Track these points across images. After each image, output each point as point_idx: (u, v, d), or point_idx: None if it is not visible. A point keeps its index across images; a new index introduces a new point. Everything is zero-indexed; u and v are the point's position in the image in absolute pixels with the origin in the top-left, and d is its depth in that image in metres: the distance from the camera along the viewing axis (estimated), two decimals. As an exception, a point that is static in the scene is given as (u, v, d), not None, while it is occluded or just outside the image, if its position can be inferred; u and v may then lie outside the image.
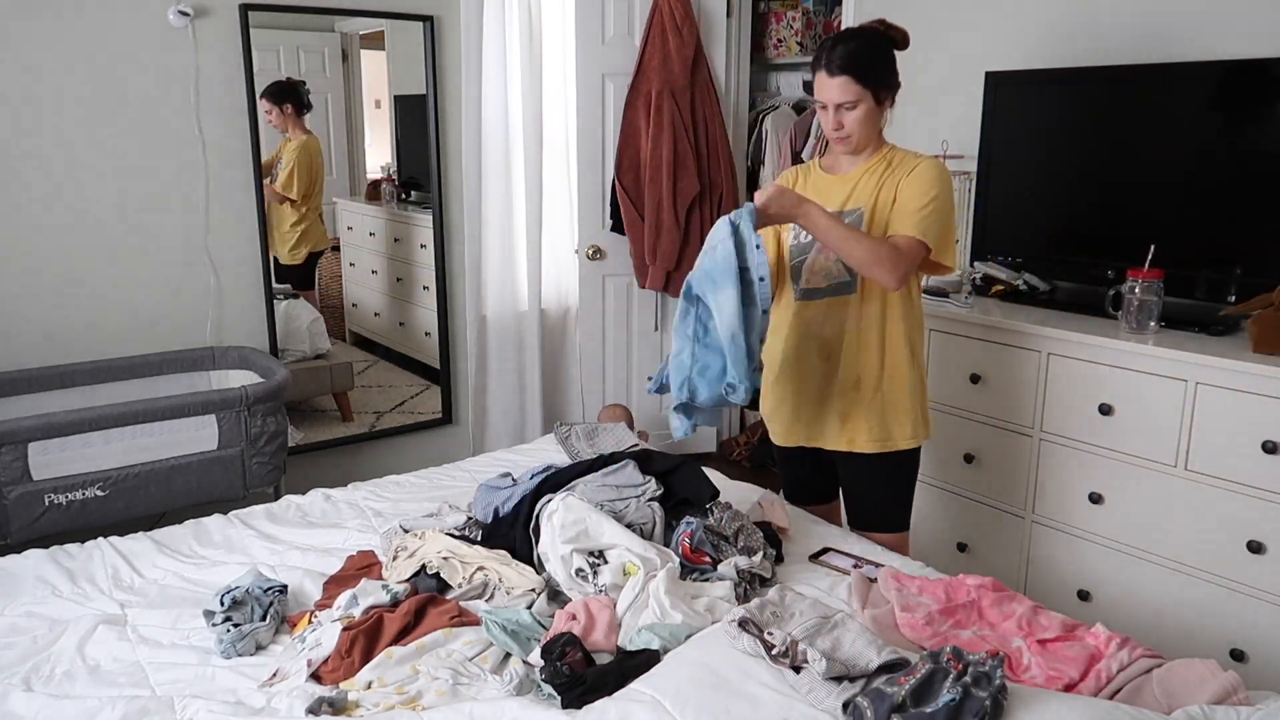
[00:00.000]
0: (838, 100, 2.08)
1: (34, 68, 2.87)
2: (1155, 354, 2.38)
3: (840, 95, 2.07)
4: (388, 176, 3.77)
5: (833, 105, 2.10)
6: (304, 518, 2.40)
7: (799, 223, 2.05)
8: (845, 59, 2.05)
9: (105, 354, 3.10)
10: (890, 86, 2.12)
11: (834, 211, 2.12)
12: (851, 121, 2.09)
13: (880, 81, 2.09)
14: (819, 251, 2.19)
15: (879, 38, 2.12)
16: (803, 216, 2.02)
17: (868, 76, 2.06)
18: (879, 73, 2.08)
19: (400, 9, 3.50)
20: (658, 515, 2.02)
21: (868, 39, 2.10)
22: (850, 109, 2.08)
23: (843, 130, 2.11)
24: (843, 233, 2.01)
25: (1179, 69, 2.61)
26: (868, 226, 2.13)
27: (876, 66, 2.08)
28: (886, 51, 2.12)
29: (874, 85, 2.08)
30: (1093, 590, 2.60)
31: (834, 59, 2.06)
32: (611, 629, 1.76)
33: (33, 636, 1.83)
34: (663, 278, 3.93)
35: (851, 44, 2.07)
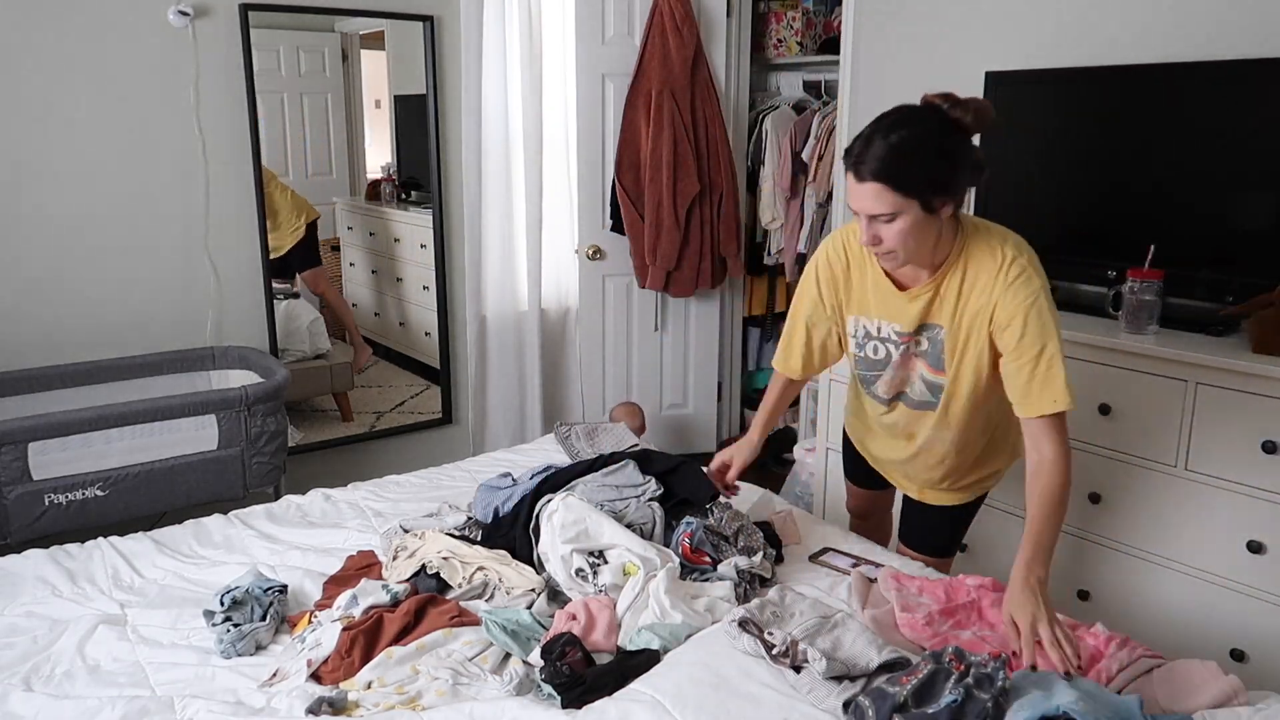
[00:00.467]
0: (869, 211, 1.65)
1: (34, 68, 2.87)
2: (1155, 354, 2.38)
3: (871, 206, 1.63)
4: (388, 176, 3.77)
5: (864, 216, 1.67)
6: (304, 518, 2.40)
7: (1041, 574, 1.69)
8: (877, 159, 1.60)
9: (105, 354, 3.10)
10: (945, 190, 1.64)
11: (906, 331, 1.82)
12: (892, 236, 1.65)
13: (929, 186, 1.62)
14: (892, 369, 1.91)
15: (939, 123, 1.63)
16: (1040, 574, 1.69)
17: (909, 181, 1.60)
18: (927, 175, 1.62)
19: (400, 9, 3.50)
20: (658, 515, 2.02)
21: (917, 128, 1.62)
22: (887, 221, 1.65)
23: (881, 246, 1.68)
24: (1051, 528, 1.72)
25: (1179, 69, 2.61)
26: (950, 339, 1.81)
27: (924, 166, 1.62)
28: (944, 143, 1.63)
29: (919, 192, 1.61)
30: (1093, 590, 2.60)
31: (864, 160, 1.61)
32: (611, 629, 1.76)
33: (33, 636, 1.83)
34: (663, 278, 3.93)
35: (891, 138, 1.60)
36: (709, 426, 4.36)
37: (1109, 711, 1.39)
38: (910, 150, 1.61)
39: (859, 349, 1.94)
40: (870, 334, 1.90)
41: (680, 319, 4.18)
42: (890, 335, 1.87)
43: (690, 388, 4.27)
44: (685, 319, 4.18)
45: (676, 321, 4.17)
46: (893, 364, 1.90)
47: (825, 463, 3.28)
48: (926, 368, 1.88)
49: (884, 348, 1.89)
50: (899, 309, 1.82)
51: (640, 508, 2.04)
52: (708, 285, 4.06)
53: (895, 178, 1.61)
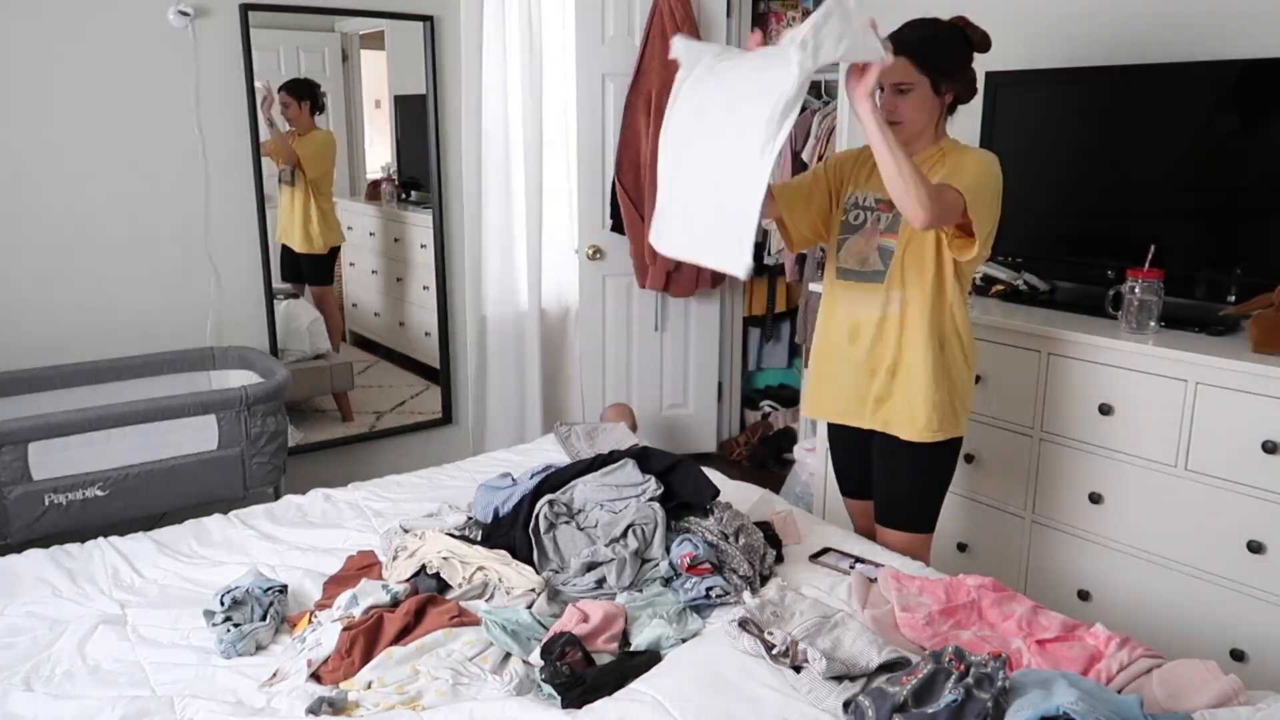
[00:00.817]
0: (893, 80, 2.05)
1: (34, 68, 2.87)
2: (1155, 354, 2.38)
3: (897, 75, 2.03)
4: (388, 176, 3.77)
5: (889, 85, 2.06)
6: (304, 518, 2.40)
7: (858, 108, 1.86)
8: (909, 39, 2.03)
9: (105, 354, 3.10)
10: (952, 77, 2.09)
11: (884, 199, 2.13)
12: (905, 106, 2.07)
13: (940, 69, 2.06)
14: (862, 235, 2.21)
15: (954, 32, 2.10)
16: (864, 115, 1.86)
17: (928, 61, 2.04)
18: (941, 61, 2.06)
19: (400, 9, 3.50)
20: (659, 515, 2.02)
21: (941, 29, 2.09)
22: (904, 91, 2.06)
23: (895, 113, 2.08)
24: (891, 149, 1.86)
25: (1179, 69, 2.61)
26: None
27: (941, 53, 2.06)
28: (957, 46, 2.10)
29: (932, 71, 2.05)
30: (1093, 590, 2.60)
31: (899, 37, 2.03)
32: (619, 635, 1.76)
33: (33, 636, 1.83)
34: (663, 278, 3.93)
35: (923, 30, 2.07)
36: (709, 426, 4.36)
37: (1109, 711, 1.39)
38: (933, 40, 2.07)
39: (845, 215, 2.26)
40: (858, 203, 2.25)
41: (680, 319, 4.18)
42: (871, 203, 2.22)
43: (690, 388, 4.27)
44: (685, 319, 4.18)
45: (676, 321, 4.17)
46: (864, 230, 2.22)
47: (825, 463, 3.28)
48: (885, 236, 2.20)
49: (864, 215, 2.23)
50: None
51: (641, 508, 2.03)
52: (708, 285, 4.06)
53: (918, 54, 2.03)
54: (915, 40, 2.04)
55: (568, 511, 2.11)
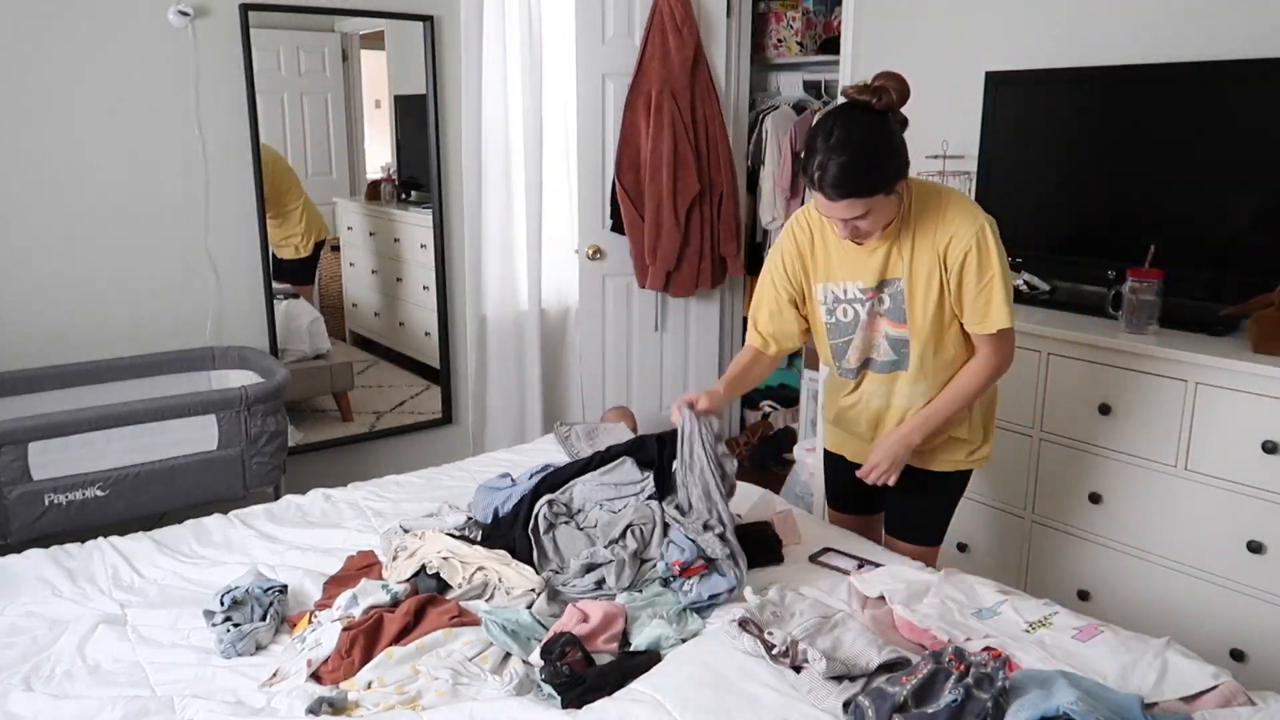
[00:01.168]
0: (845, 217, 1.87)
1: (34, 68, 2.87)
2: (1155, 354, 2.38)
3: (848, 213, 1.85)
4: (388, 176, 3.77)
5: (841, 222, 1.89)
6: (304, 518, 2.40)
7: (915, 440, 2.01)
8: (841, 180, 1.80)
9: (105, 354, 3.09)
10: (899, 174, 1.87)
11: (869, 287, 1.99)
12: (868, 226, 1.88)
13: (886, 180, 1.83)
14: (860, 330, 2.05)
15: (872, 120, 1.83)
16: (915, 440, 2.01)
17: (870, 185, 1.81)
18: (882, 174, 1.82)
19: (400, 9, 3.50)
20: (657, 515, 2.01)
21: (860, 138, 1.80)
22: (862, 218, 1.86)
23: (860, 235, 1.92)
24: (949, 409, 2.00)
25: (1179, 69, 2.61)
26: (909, 297, 1.98)
27: (879, 169, 1.82)
28: (884, 138, 1.83)
29: (882, 188, 1.83)
30: (1093, 590, 2.60)
31: (827, 182, 1.81)
32: (618, 635, 1.76)
33: (33, 636, 1.83)
34: (663, 278, 3.93)
35: (844, 156, 1.78)
36: (709, 426, 4.35)
37: (1109, 711, 1.39)
38: (862, 164, 1.80)
39: (829, 315, 2.08)
40: (838, 297, 2.06)
41: (680, 319, 4.18)
42: (856, 294, 2.03)
43: (690, 388, 4.26)
44: (685, 319, 4.18)
45: (676, 321, 4.17)
46: (860, 325, 2.05)
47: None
48: (890, 324, 2.03)
49: (851, 309, 2.05)
50: (861, 264, 2.00)
51: (640, 508, 2.03)
52: (708, 285, 4.06)
53: (859, 188, 1.81)
54: (842, 175, 1.79)
55: (567, 511, 2.11)
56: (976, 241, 1.90)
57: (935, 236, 1.93)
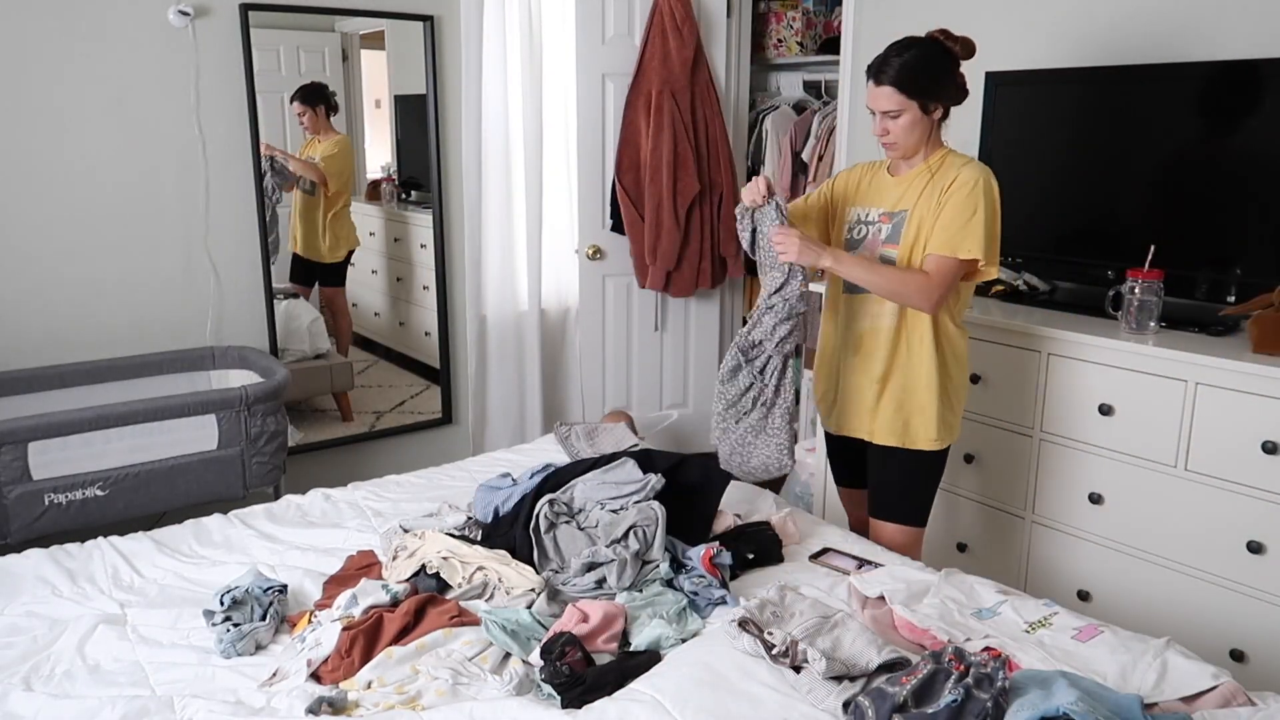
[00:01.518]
0: (882, 108, 2.13)
1: (34, 68, 2.87)
2: (1155, 354, 2.38)
3: (885, 104, 2.12)
4: (388, 176, 3.77)
5: (879, 112, 2.15)
6: (304, 518, 2.40)
7: (824, 266, 2.16)
8: (892, 69, 2.09)
9: (105, 354, 3.09)
10: (940, 97, 2.14)
11: (885, 211, 2.23)
12: (896, 129, 2.14)
13: (927, 91, 2.11)
14: (865, 248, 2.26)
15: (936, 48, 2.13)
16: (828, 261, 2.14)
17: (914, 86, 2.09)
18: (927, 83, 2.11)
19: (400, 9, 3.50)
20: (660, 517, 2.01)
21: (922, 49, 2.12)
22: (894, 117, 2.12)
23: (888, 137, 2.16)
24: (867, 272, 2.14)
25: (1179, 69, 2.61)
26: (911, 229, 2.18)
27: (925, 76, 2.10)
28: (941, 62, 2.13)
29: (920, 95, 2.10)
30: (1093, 590, 2.60)
31: (882, 69, 2.11)
32: (618, 635, 1.76)
33: (33, 636, 1.83)
34: (663, 278, 3.93)
35: (905, 55, 2.10)
36: (709, 426, 4.35)
37: (1109, 711, 1.39)
38: (915, 66, 2.10)
39: (849, 232, 2.33)
40: (861, 219, 2.31)
41: (680, 319, 4.18)
42: (874, 218, 2.28)
43: (690, 388, 4.27)
44: (685, 319, 4.18)
45: (676, 321, 4.17)
46: (866, 243, 2.28)
47: (825, 463, 3.28)
48: (886, 246, 2.25)
49: (866, 229, 2.29)
50: (885, 193, 2.26)
51: (643, 509, 2.02)
52: (708, 285, 4.06)
53: (903, 81, 2.10)
54: (898, 68, 2.09)
55: (568, 511, 2.10)
56: (979, 180, 2.12)
57: (947, 179, 2.16)
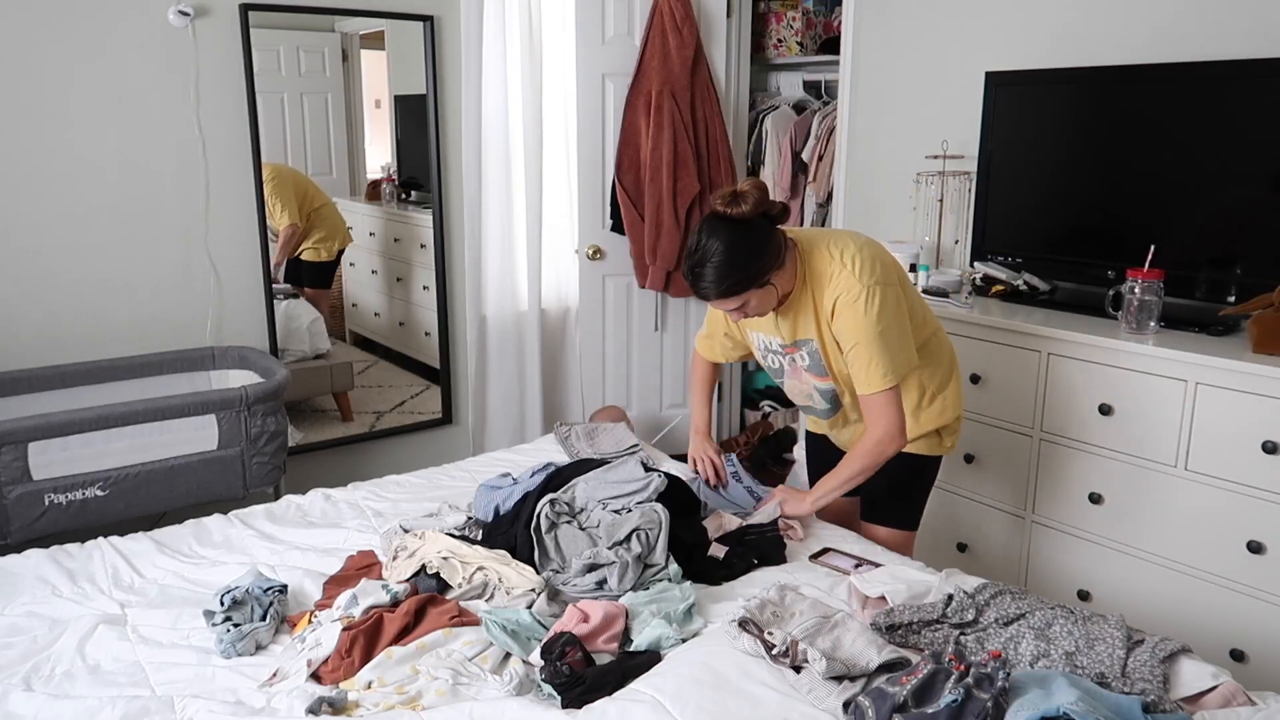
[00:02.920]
0: (725, 309, 2.04)
1: (34, 68, 2.87)
2: (1155, 354, 2.38)
3: (724, 308, 2.03)
4: (388, 176, 3.77)
5: (725, 315, 2.13)
6: (304, 518, 2.40)
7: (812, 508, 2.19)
8: (710, 289, 1.96)
9: (105, 354, 3.09)
10: (767, 269, 1.98)
11: (785, 344, 2.15)
12: (751, 309, 2.03)
13: (753, 279, 1.96)
14: (789, 378, 2.23)
15: (728, 232, 1.94)
16: (819, 504, 2.16)
17: (739, 287, 1.96)
18: (746, 274, 1.96)
19: (400, 9, 3.50)
20: (663, 519, 2.00)
21: (716, 250, 1.93)
22: (744, 306, 2.02)
23: (748, 315, 2.06)
24: (849, 481, 2.12)
25: (1179, 69, 2.61)
26: (824, 355, 2.11)
27: (742, 272, 1.95)
28: (742, 246, 1.94)
29: (751, 285, 1.97)
30: (1093, 590, 2.60)
31: (700, 289, 1.98)
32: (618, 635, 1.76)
33: (33, 636, 1.83)
34: (663, 278, 3.93)
35: (709, 265, 1.94)
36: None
37: (1108, 711, 1.39)
38: (725, 269, 1.94)
39: (763, 358, 2.26)
40: (767, 347, 2.23)
41: (680, 319, 4.18)
42: (777, 348, 2.19)
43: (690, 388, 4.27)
44: (685, 319, 4.18)
45: (676, 321, 4.17)
46: (786, 374, 2.23)
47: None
48: (814, 378, 2.18)
49: (776, 359, 2.22)
50: (775, 325, 2.15)
51: (646, 511, 2.01)
52: (708, 285, 4.06)
53: (728, 291, 1.97)
54: (716, 285, 1.95)
55: (569, 511, 2.10)
56: (847, 304, 2.00)
57: (826, 304, 2.04)
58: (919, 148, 3.35)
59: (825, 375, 2.15)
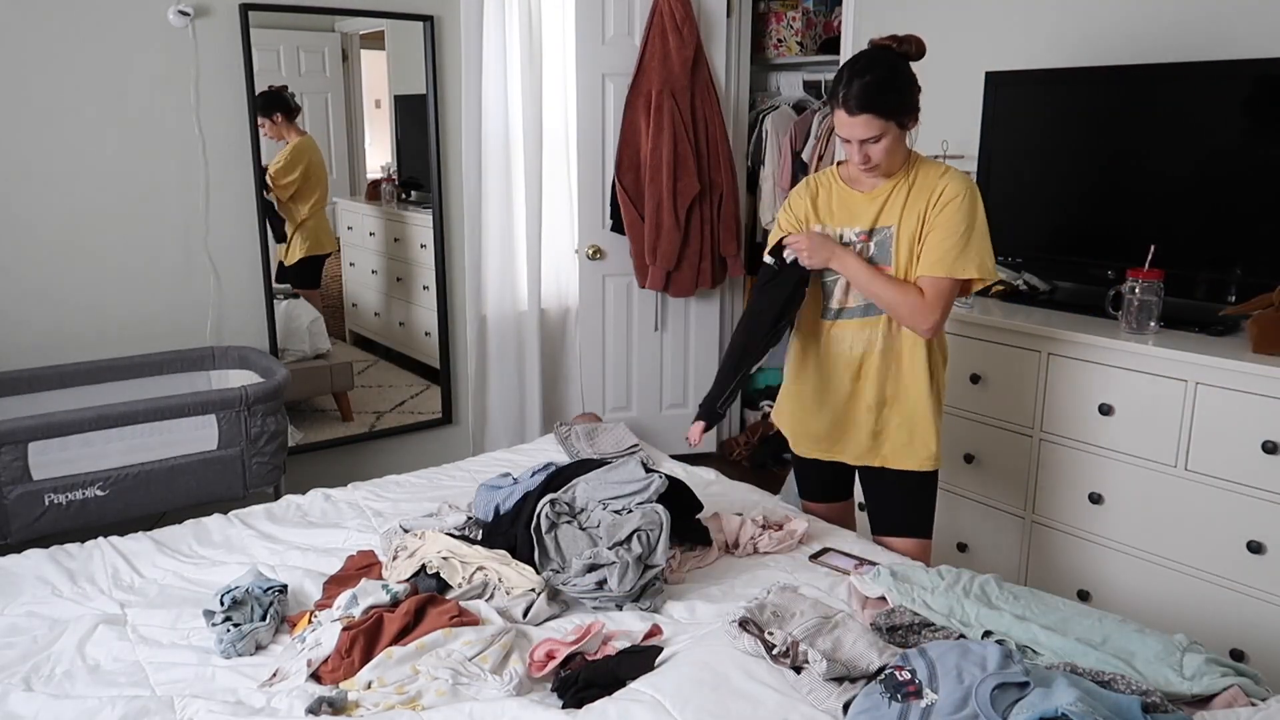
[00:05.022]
0: (860, 137, 2.03)
1: (34, 68, 2.87)
2: (1155, 354, 2.38)
3: (864, 132, 2.02)
4: (388, 176, 3.77)
5: (857, 141, 2.05)
6: (304, 518, 2.40)
7: (832, 266, 2.12)
8: (863, 95, 1.99)
9: (105, 354, 3.10)
10: (911, 110, 2.06)
11: (863, 230, 2.14)
12: (878, 153, 2.05)
13: (901, 109, 2.03)
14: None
15: (894, 59, 2.05)
16: (836, 260, 2.11)
17: (888, 108, 2.01)
18: (899, 101, 2.03)
19: (400, 9, 3.50)
20: (664, 520, 1.99)
21: (883, 67, 2.03)
22: (875, 142, 2.04)
23: (870, 162, 2.07)
24: (869, 279, 2.09)
25: (1179, 69, 2.61)
26: (896, 243, 2.11)
27: (896, 95, 2.02)
28: (904, 74, 2.05)
29: (896, 115, 2.02)
30: (1093, 590, 2.60)
31: (851, 96, 2.00)
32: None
33: (33, 636, 1.83)
34: (663, 278, 3.93)
35: (867, 77, 2.00)
36: (709, 426, 4.35)
37: (1108, 711, 1.39)
38: (883, 85, 2.01)
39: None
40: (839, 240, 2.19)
41: (680, 319, 4.18)
42: (852, 239, 2.17)
43: (690, 388, 4.27)
44: (685, 319, 4.19)
45: (676, 321, 4.17)
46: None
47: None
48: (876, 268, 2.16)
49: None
50: (860, 210, 2.16)
51: (647, 513, 2.00)
52: (708, 285, 4.06)
53: (878, 106, 2.00)
54: (867, 92, 1.99)
55: (569, 511, 2.10)
56: (966, 193, 2.07)
57: (929, 191, 2.09)
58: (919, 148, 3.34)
59: (887, 264, 2.13)
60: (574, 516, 2.09)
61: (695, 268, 3.98)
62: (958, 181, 2.08)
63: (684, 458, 2.84)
